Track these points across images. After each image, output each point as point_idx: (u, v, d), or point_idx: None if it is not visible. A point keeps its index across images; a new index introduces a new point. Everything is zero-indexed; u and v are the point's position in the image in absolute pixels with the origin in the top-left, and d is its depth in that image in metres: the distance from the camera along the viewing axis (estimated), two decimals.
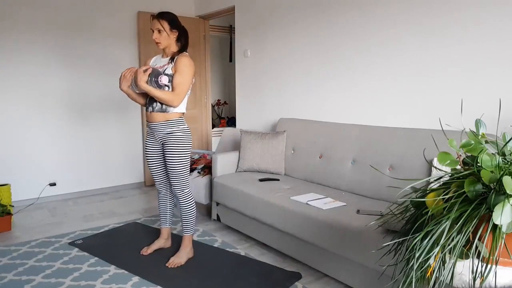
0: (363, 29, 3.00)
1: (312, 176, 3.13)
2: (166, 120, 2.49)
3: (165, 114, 2.48)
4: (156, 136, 2.57)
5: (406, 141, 2.57)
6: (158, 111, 2.48)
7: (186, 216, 2.61)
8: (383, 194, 2.60)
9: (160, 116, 2.49)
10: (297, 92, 3.63)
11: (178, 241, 2.95)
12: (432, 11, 2.56)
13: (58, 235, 3.12)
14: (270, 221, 2.67)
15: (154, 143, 2.62)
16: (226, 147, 3.89)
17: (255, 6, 4.00)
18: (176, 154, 2.49)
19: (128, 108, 4.57)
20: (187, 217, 2.62)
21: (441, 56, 2.54)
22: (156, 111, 2.48)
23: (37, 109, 3.97)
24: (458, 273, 1.09)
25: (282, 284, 2.34)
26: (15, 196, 3.92)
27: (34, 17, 3.87)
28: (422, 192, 1.26)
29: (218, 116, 6.25)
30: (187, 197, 2.59)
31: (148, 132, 2.65)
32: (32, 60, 3.90)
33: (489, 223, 1.04)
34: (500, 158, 1.11)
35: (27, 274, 2.47)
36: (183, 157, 2.52)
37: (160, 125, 2.50)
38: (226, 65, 6.42)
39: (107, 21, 4.31)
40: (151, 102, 2.51)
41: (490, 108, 2.34)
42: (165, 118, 2.49)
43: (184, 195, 2.57)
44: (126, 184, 4.64)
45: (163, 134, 2.52)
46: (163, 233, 2.83)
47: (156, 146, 2.62)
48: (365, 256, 2.06)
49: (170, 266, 2.55)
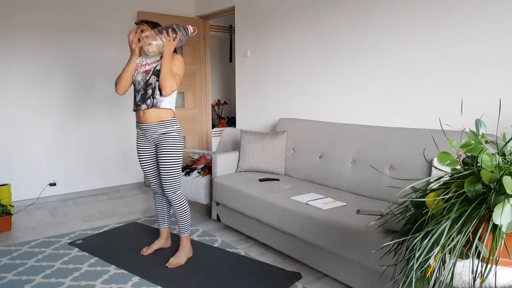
0: (363, 29, 3.00)
1: (312, 176, 3.13)
2: (160, 120, 2.47)
3: (159, 113, 2.46)
4: (149, 137, 2.54)
5: (406, 141, 2.57)
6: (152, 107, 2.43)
7: (180, 217, 2.61)
8: (383, 194, 2.60)
9: (154, 116, 2.46)
10: (297, 92, 3.63)
11: (178, 241, 2.96)
12: (432, 11, 2.56)
13: (58, 235, 3.12)
14: (270, 221, 2.67)
15: (147, 145, 2.58)
16: (226, 147, 3.89)
17: (255, 6, 4.00)
18: (171, 155, 2.48)
19: (128, 109, 4.57)
20: (182, 218, 2.61)
21: (441, 56, 2.54)
22: (150, 108, 2.44)
23: (37, 109, 3.97)
24: (458, 273, 1.09)
25: (282, 284, 2.34)
26: (15, 196, 3.92)
27: (34, 17, 3.87)
28: (422, 192, 1.26)
29: (218, 116, 6.26)
30: (180, 198, 2.57)
31: (139, 133, 2.59)
32: (32, 61, 3.90)
33: (489, 223, 1.04)
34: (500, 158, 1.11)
35: (27, 274, 2.47)
36: (177, 157, 2.51)
37: (154, 125, 2.48)
38: (226, 65, 6.42)
39: (107, 21, 4.31)
40: (143, 99, 2.46)
41: (490, 108, 2.34)
42: (159, 119, 2.47)
43: (176, 197, 2.56)
44: (126, 184, 4.64)
45: (157, 135, 2.50)
46: (162, 233, 2.83)
47: (149, 147, 2.59)
48: (365, 256, 2.06)
49: (170, 266, 2.54)
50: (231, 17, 5.37)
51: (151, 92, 2.45)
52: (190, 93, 4.97)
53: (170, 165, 2.49)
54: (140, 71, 2.51)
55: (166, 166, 2.49)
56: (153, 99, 2.44)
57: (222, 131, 5.58)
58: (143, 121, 2.50)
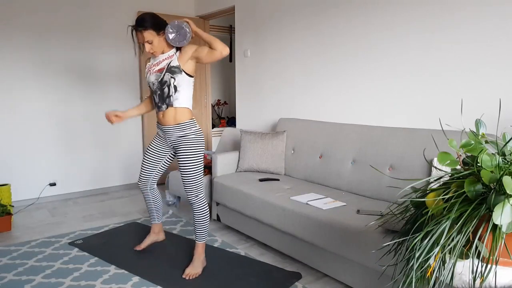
0: (363, 29, 3.00)
1: (312, 176, 3.13)
2: (176, 123, 2.41)
3: (176, 115, 2.39)
4: (167, 139, 2.49)
5: (406, 141, 2.57)
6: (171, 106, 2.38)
7: (200, 222, 2.48)
8: (383, 194, 2.60)
9: (171, 119, 2.40)
10: (297, 92, 3.63)
11: (175, 240, 2.96)
12: (432, 11, 2.56)
13: (58, 235, 3.12)
14: (270, 221, 2.66)
15: (160, 144, 2.56)
16: (226, 147, 3.89)
17: (255, 6, 4.00)
18: (190, 158, 2.39)
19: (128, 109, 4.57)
20: (201, 223, 2.49)
21: (441, 56, 2.54)
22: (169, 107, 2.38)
23: (37, 109, 3.97)
24: (458, 273, 1.09)
25: (282, 284, 2.34)
26: (15, 196, 3.92)
27: (33, 16, 3.87)
28: (422, 192, 1.26)
29: (218, 116, 6.26)
30: (201, 202, 2.47)
31: (158, 133, 2.57)
32: (32, 61, 3.90)
33: (489, 223, 1.04)
34: (500, 158, 1.11)
35: (27, 274, 2.47)
36: (197, 159, 2.42)
37: (171, 128, 2.42)
38: (226, 65, 6.42)
39: (107, 21, 4.31)
40: (162, 100, 2.40)
41: (490, 108, 2.34)
42: (175, 121, 2.40)
43: (197, 201, 2.45)
44: (126, 184, 4.64)
45: (175, 137, 2.44)
46: (153, 228, 2.81)
47: (161, 147, 2.56)
48: (365, 256, 2.06)
49: (187, 278, 2.41)
50: (231, 17, 5.38)
51: (168, 91, 2.37)
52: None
53: (190, 168, 2.40)
54: (152, 72, 2.42)
55: (186, 170, 2.41)
56: (170, 97, 2.38)
57: (222, 131, 5.59)
58: (162, 123, 2.45)
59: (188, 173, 2.41)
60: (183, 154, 2.41)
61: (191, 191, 2.44)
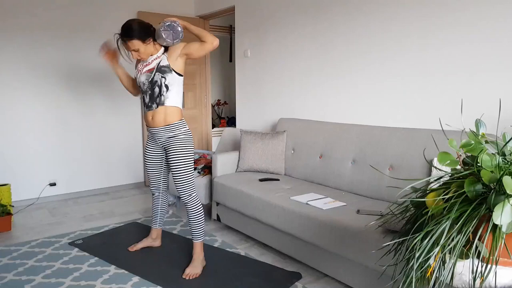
0: (363, 29, 3.00)
1: (312, 176, 3.13)
2: (166, 124, 2.43)
3: (166, 116, 2.42)
4: (158, 140, 2.52)
5: (406, 141, 2.57)
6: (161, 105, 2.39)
7: (195, 221, 2.50)
8: (383, 194, 2.60)
9: (161, 120, 2.42)
10: (297, 92, 3.63)
11: (175, 240, 2.96)
12: (432, 12, 2.56)
13: (58, 235, 3.12)
14: (270, 221, 2.66)
15: (155, 148, 2.59)
16: (226, 147, 3.89)
17: (255, 6, 4.00)
18: (180, 158, 2.42)
19: (128, 109, 4.57)
20: (196, 222, 2.50)
21: (441, 56, 2.54)
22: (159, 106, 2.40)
23: (36, 109, 3.97)
24: (458, 273, 1.09)
25: (282, 284, 2.34)
26: (15, 196, 3.92)
27: (33, 16, 3.87)
28: (422, 192, 1.26)
29: (218, 116, 6.26)
30: (195, 201, 2.49)
31: (149, 136, 2.61)
32: (32, 61, 3.90)
33: (489, 223, 1.04)
34: (500, 158, 1.11)
35: (27, 274, 2.47)
36: (187, 159, 2.45)
37: (161, 129, 2.45)
38: (226, 65, 6.42)
39: (106, 21, 4.31)
40: (152, 99, 2.42)
41: (490, 108, 2.34)
42: (165, 122, 2.43)
43: (190, 200, 2.48)
44: (126, 184, 4.64)
45: (165, 138, 2.47)
46: (152, 232, 2.84)
47: (157, 151, 2.59)
48: (365, 256, 2.06)
49: (187, 278, 2.41)
50: (231, 17, 5.38)
51: (159, 90, 2.40)
52: (190, 93, 4.97)
53: (181, 168, 2.42)
54: (143, 72, 2.44)
55: (177, 170, 2.43)
56: (161, 96, 2.40)
57: (222, 131, 5.59)
58: (151, 125, 2.47)
59: (180, 174, 2.44)
60: (174, 155, 2.43)
61: (184, 190, 2.46)
